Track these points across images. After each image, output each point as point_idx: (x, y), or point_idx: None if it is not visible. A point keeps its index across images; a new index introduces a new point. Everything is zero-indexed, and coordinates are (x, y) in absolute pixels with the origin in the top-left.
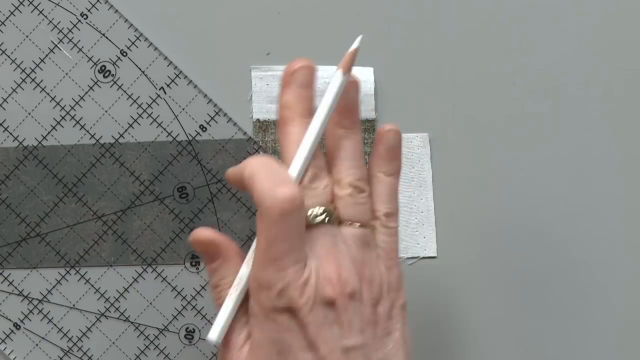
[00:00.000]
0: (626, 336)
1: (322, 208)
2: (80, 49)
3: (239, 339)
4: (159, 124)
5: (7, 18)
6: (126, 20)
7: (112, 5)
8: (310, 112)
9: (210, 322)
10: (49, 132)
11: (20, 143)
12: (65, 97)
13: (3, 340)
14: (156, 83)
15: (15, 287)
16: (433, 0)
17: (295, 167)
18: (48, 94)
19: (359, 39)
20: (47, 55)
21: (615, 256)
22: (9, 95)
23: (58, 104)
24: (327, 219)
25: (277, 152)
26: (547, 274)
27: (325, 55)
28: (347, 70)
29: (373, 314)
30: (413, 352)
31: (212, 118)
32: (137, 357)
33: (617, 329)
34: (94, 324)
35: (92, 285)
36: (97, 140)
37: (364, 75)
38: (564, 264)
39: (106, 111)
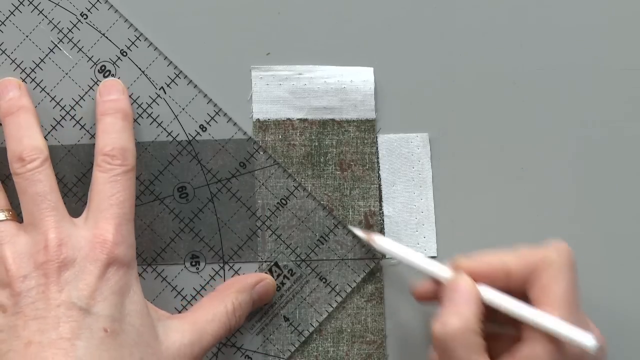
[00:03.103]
0: (626, 336)
1: None
2: (80, 49)
3: None
4: (159, 124)
5: (7, 18)
6: (126, 20)
7: (112, 5)
8: None
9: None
10: (49, 132)
11: None
12: (65, 97)
13: None
14: (156, 83)
15: None
16: (433, 0)
17: None
18: (48, 94)
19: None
20: (47, 55)
21: (615, 256)
22: None
23: (58, 104)
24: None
25: (277, 151)
26: None
27: (325, 55)
28: None
29: None
30: None
31: (212, 118)
32: None
33: (616, 328)
34: None
35: None
36: None
37: (364, 75)
38: None
39: None
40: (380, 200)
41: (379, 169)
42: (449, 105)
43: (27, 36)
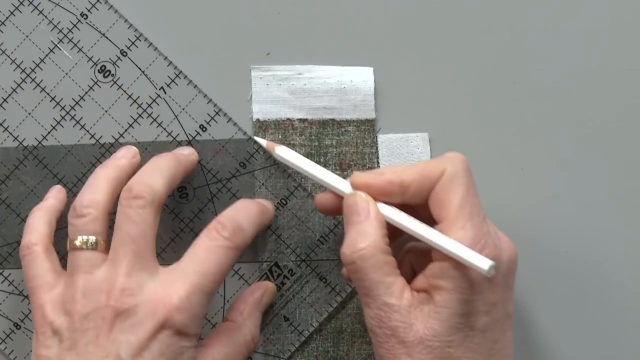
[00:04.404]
0: (627, 334)
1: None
2: (80, 49)
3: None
4: (159, 124)
5: (7, 18)
6: (126, 20)
7: (112, 5)
8: None
9: (209, 322)
10: (49, 132)
11: (20, 143)
12: (65, 97)
13: (3, 340)
14: (156, 83)
15: (16, 287)
16: (433, 0)
17: None
18: (48, 94)
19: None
20: (47, 55)
21: (615, 255)
22: (9, 95)
23: (58, 104)
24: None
25: None
26: (546, 273)
27: (325, 55)
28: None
29: None
30: None
31: (212, 118)
32: None
33: (616, 328)
34: None
35: None
36: (97, 140)
37: (364, 75)
38: (564, 262)
39: (106, 111)
40: None
41: None
42: (449, 105)
43: (27, 36)
